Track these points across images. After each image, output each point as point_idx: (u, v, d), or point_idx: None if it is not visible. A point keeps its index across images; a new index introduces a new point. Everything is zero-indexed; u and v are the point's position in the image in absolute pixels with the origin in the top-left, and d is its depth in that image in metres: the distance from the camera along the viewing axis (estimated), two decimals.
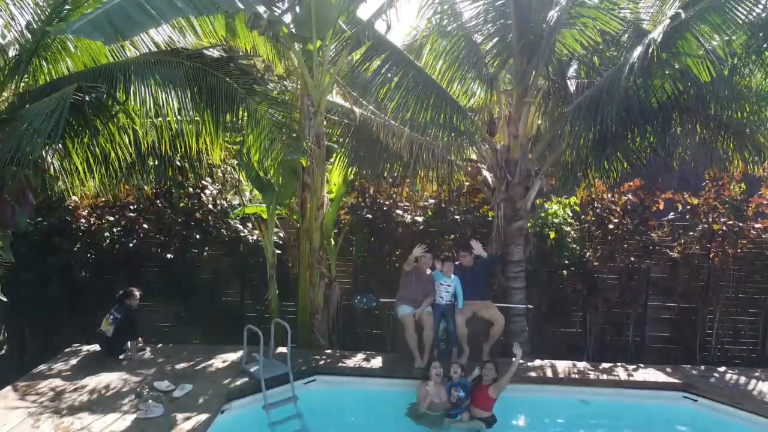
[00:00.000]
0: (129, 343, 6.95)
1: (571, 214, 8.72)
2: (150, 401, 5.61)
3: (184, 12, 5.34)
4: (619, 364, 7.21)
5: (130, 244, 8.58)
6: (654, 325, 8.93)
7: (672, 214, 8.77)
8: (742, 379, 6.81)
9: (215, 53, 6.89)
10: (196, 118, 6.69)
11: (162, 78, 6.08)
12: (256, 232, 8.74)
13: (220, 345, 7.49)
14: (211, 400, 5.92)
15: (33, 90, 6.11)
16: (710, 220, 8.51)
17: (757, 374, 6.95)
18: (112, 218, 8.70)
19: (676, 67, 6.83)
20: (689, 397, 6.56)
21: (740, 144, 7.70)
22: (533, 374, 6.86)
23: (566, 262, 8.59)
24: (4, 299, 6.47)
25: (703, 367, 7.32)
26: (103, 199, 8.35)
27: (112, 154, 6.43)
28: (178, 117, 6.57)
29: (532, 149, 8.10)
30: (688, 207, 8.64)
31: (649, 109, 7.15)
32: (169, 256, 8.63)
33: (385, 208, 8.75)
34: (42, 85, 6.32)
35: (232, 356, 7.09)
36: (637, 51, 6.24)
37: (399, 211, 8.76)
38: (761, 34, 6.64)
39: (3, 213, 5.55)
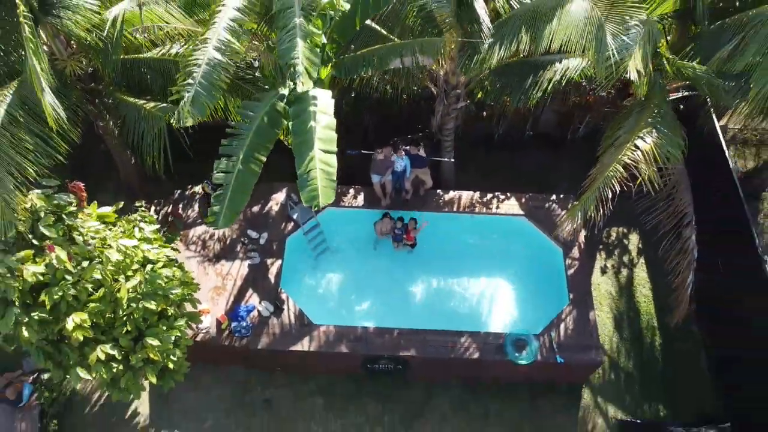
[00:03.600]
0: None
1: None
2: (253, 251, 11.75)
3: None
4: (497, 195, 12.79)
5: None
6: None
7: None
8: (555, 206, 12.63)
9: None
10: None
11: None
12: None
13: (273, 183, 12.78)
14: (279, 242, 12.03)
15: None
16: None
17: (570, 202, 12.68)
18: None
19: None
20: (527, 220, 12.55)
21: None
22: (443, 203, 12.66)
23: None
24: None
25: (538, 200, 12.77)
26: None
27: None
28: None
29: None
30: None
31: None
32: None
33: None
34: None
35: (281, 197, 12.67)
36: None
37: None
38: None
39: None
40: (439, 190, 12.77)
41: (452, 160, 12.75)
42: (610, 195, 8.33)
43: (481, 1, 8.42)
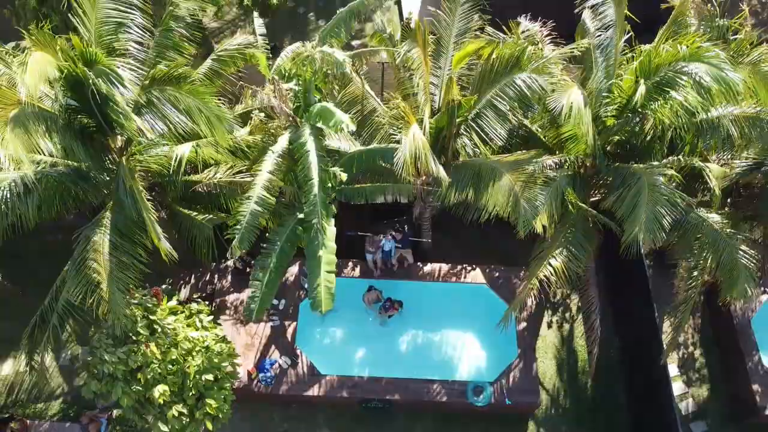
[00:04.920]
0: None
1: None
2: (274, 315, 15.24)
3: None
4: (465, 266, 16.24)
5: None
6: None
7: None
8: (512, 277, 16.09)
9: None
10: None
11: None
12: None
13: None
14: (294, 307, 15.53)
15: None
16: None
17: (521, 273, 16.14)
18: None
19: None
20: (488, 286, 16.03)
21: None
22: (423, 274, 16.14)
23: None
24: None
25: (498, 272, 16.25)
26: None
27: None
28: None
29: None
30: None
31: None
32: None
33: None
34: None
35: (295, 269, 16.15)
36: None
37: None
38: None
39: None
40: (419, 263, 16.25)
41: (429, 240, 16.21)
42: (530, 302, 11.81)
43: (435, 163, 11.60)
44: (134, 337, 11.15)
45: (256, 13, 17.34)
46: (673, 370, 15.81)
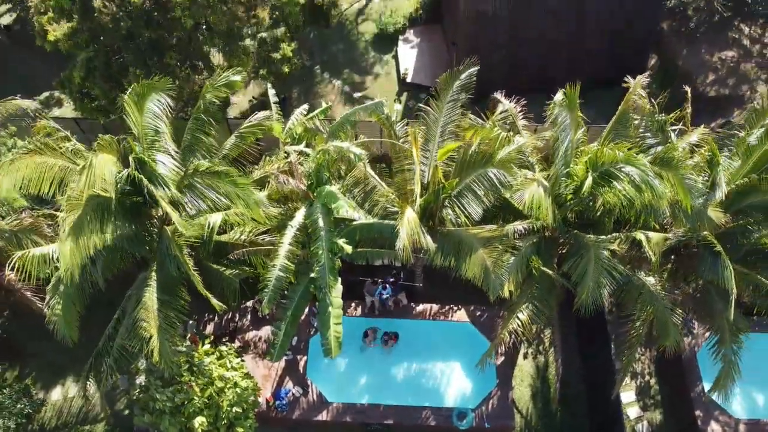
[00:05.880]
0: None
1: None
2: (288, 350, 17.84)
3: None
4: (451, 307, 18.84)
5: None
6: None
7: None
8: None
9: None
10: None
11: None
12: None
13: None
14: (305, 342, 18.12)
15: None
16: None
17: (501, 312, 18.74)
18: None
19: None
20: (471, 324, 18.63)
21: None
22: (415, 313, 18.75)
23: None
24: None
25: (480, 311, 18.87)
26: None
27: None
28: None
29: None
30: None
31: None
32: None
33: None
34: None
35: (305, 310, 18.75)
36: None
37: None
38: None
39: None
40: (412, 303, 18.86)
41: (421, 285, 18.82)
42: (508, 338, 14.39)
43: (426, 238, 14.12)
44: (178, 378, 13.74)
45: (269, 84, 20.08)
46: (630, 396, 18.41)
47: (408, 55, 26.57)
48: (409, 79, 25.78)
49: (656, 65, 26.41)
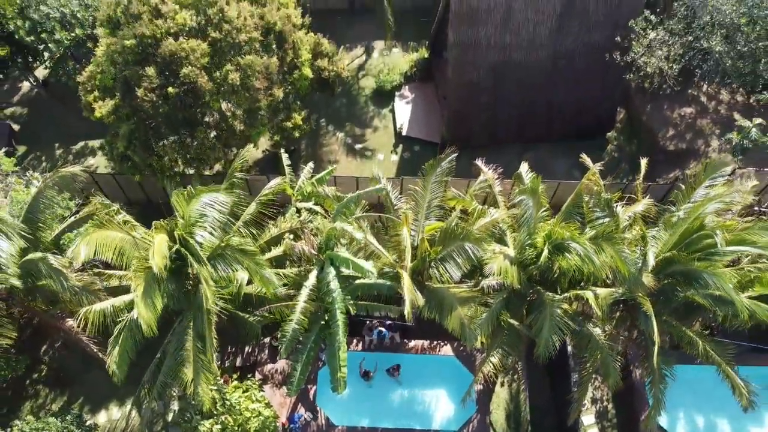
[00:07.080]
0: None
1: None
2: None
3: None
4: (439, 343, 22.09)
5: None
6: None
7: None
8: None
9: None
10: None
11: None
12: None
13: None
14: (314, 373, 21.38)
15: None
16: None
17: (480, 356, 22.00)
18: None
19: None
20: (456, 358, 21.89)
21: None
22: (408, 348, 22.01)
23: None
24: None
25: (463, 346, 22.11)
26: None
27: None
28: None
29: None
30: None
31: None
32: None
33: None
34: None
35: None
36: None
37: None
38: None
39: None
40: (405, 340, 22.10)
41: (412, 324, 22.06)
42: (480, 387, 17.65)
43: (419, 297, 17.45)
44: (214, 411, 17.00)
45: (282, 149, 23.43)
46: (591, 419, 21.68)
47: (403, 109, 29.85)
48: (404, 133, 29.04)
49: (624, 118, 29.76)
